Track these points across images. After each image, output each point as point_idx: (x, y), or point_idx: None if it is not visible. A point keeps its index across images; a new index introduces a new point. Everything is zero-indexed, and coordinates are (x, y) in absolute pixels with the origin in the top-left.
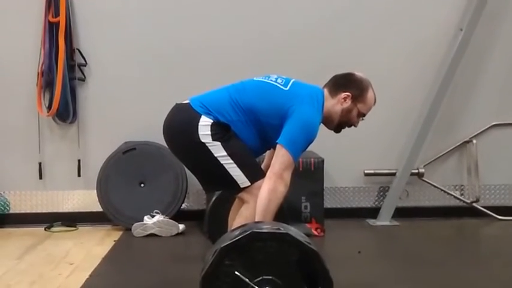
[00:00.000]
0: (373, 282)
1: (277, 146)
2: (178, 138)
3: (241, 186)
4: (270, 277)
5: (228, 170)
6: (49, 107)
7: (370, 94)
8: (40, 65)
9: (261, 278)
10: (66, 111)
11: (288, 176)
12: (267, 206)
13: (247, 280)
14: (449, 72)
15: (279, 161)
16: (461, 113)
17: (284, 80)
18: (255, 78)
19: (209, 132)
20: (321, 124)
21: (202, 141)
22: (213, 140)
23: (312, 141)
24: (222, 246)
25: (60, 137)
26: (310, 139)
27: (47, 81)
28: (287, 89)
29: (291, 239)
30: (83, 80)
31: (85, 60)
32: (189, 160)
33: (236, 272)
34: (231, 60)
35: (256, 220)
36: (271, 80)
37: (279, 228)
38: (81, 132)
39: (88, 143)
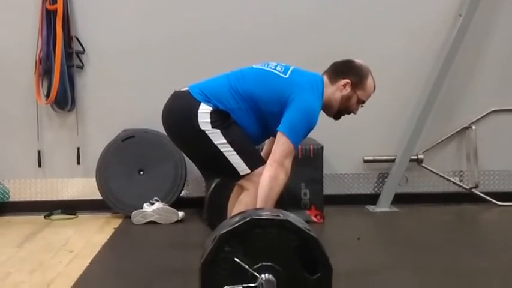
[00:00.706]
0: (373, 268)
1: (278, 133)
2: (178, 126)
3: (241, 173)
4: (270, 263)
5: (228, 157)
6: (47, 95)
7: (369, 81)
8: (38, 53)
9: (260, 264)
10: (64, 99)
11: (288, 163)
12: (268, 193)
13: (246, 266)
14: (448, 58)
15: (279, 149)
16: (461, 99)
17: (283, 68)
18: (254, 66)
19: (209, 120)
20: (321, 111)
21: (202, 128)
22: (213, 127)
23: (312, 129)
24: (222, 233)
25: (59, 125)
26: (311, 126)
27: (45, 69)
28: (287, 76)
29: (290, 225)
30: (81, 67)
31: (83, 48)
32: (189, 148)
33: (236, 259)
34: (229, 47)
35: (257, 207)
36: (270, 68)
37: (278, 215)
38: (80, 120)
39: (87, 130)
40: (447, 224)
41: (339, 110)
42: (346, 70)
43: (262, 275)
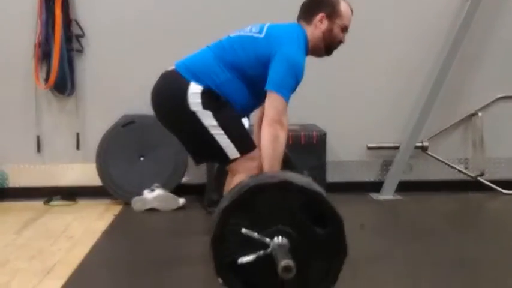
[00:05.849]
0: (376, 256)
1: (267, 92)
2: (166, 107)
3: (231, 157)
4: (280, 226)
5: (218, 140)
6: (46, 80)
7: (343, 6)
8: (37, 36)
9: (270, 229)
10: (63, 84)
11: (285, 120)
12: (273, 154)
13: (255, 234)
14: (455, 44)
15: (272, 107)
16: (467, 86)
17: (258, 27)
18: (231, 35)
19: (200, 101)
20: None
21: (193, 109)
22: (204, 108)
23: (300, 81)
24: (224, 206)
25: (58, 110)
26: (298, 79)
27: (44, 53)
28: (262, 35)
29: (291, 185)
30: (81, 51)
31: (82, 31)
32: (178, 129)
33: (243, 229)
34: (230, 24)
35: (264, 170)
36: (246, 32)
37: (276, 177)
38: (80, 105)
39: (87, 115)
40: (452, 212)
41: (326, 46)
42: (316, 5)
43: (274, 239)
